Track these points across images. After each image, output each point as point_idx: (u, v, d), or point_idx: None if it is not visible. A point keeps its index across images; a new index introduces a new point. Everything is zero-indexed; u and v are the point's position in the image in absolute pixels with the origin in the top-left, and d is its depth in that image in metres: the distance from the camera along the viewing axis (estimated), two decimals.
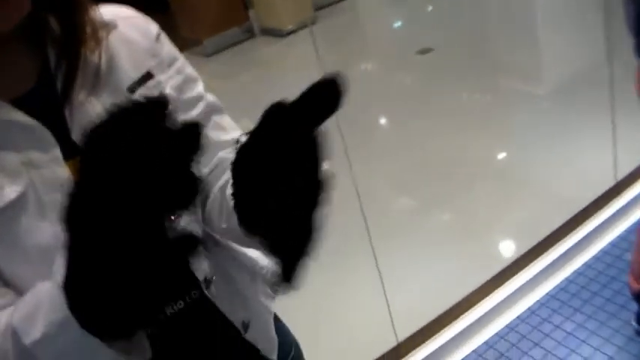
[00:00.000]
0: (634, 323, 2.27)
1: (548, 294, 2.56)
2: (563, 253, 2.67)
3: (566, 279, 2.62)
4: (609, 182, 2.96)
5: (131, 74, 0.83)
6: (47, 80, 0.78)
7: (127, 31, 0.85)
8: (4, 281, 0.71)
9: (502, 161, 3.72)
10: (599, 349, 2.26)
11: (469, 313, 2.47)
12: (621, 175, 2.98)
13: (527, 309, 2.52)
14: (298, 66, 5.53)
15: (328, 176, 0.50)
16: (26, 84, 0.77)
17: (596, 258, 2.69)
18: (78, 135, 0.76)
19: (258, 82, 5.76)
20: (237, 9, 7.09)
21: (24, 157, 0.72)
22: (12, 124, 0.72)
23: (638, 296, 2.14)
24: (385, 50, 6.17)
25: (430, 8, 6.90)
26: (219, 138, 0.92)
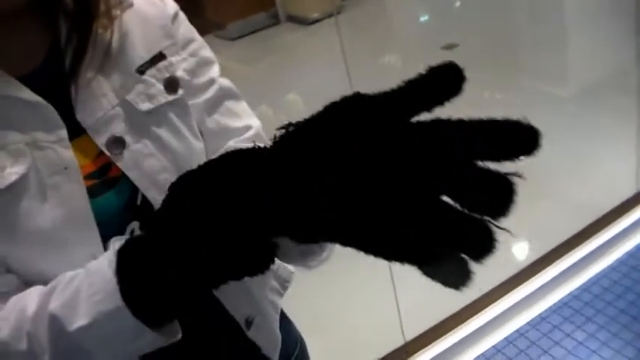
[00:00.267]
0: None
1: (560, 301, 2.53)
2: (578, 261, 2.64)
3: (579, 287, 2.58)
4: (630, 191, 2.91)
5: (143, 54, 0.81)
6: (56, 57, 0.76)
7: (143, 11, 0.83)
8: (5, 265, 0.70)
9: (521, 162, 3.66)
10: None
11: (479, 316, 2.44)
12: None
13: (537, 315, 2.49)
14: (321, 55, 5.50)
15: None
16: (35, 60, 0.75)
17: (611, 267, 2.65)
18: (82, 114, 0.74)
19: (278, 70, 5.75)
20: None
21: (28, 137, 0.70)
22: (18, 102, 0.70)
23: None
24: (410, 43, 6.12)
25: (458, 3, 6.84)
26: (230, 125, 0.89)
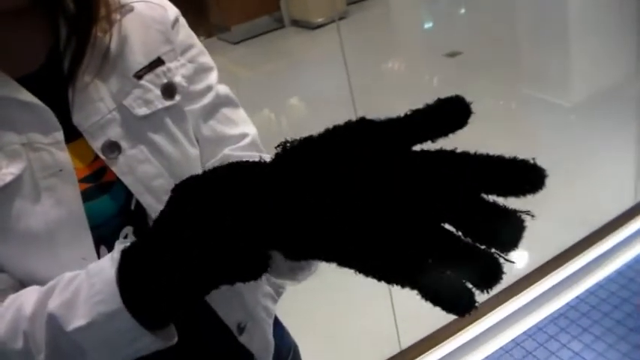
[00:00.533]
0: None
1: (557, 311, 2.53)
2: (575, 271, 2.63)
3: (577, 297, 2.58)
4: (629, 202, 2.91)
5: (141, 59, 0.81)
6: (56, 59, 0.76)
7: (143, 15, 0.83)
8: None
9: None
10: None
11: (475, 325, 2.44)
12: None
13: (534, 325, 2.48)
14: (324, 60, 5.51)
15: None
16: (35, 62, 0.76)
17: (609, 279, 2.64)
18: (78, 118, 0.75)
19: (281, 73, 5.76)
20: None
21: (24, 139, 0.71)
22: (16, 103, 0.70)
23: None
24: (414, 50, 6.14)
25: (463, 11, 6.85)
26: (226, 132, 0.89)
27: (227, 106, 0.91)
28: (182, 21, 0.89)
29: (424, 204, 0.46)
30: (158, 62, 0.82)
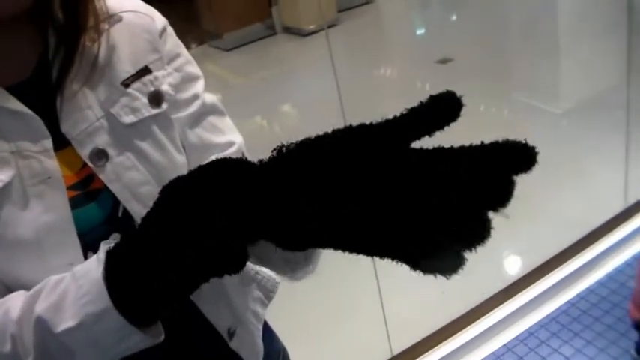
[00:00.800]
0: (633, 352, 2.23)
1: (548, 316, 2.54)
2: (566, 276, 2.64)
3: (568, 302, 2.59)
4: (619, 207, 2.93)
5: (129, 68, 0.81)
6: (45, 68, 0.77)
7: (131, 25, 0.84)
8: None
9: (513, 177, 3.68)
10: None
11: (466, 330, 2.44)
12: (632, 200, 2.95)
13: (525, 330, 2.49)
14: (315, 67, 5.52)
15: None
16: (25, 71, 0.76)
17: (600, 283, 2.66)
18: (67, 126, 0.75)
19: (273, 80, 5.76)
20: (260, 5, 7.10)
21: (14, 147, 0.71)
22: (6, 112, 0.71)
23: (637, 325, 2.11)
24: (405, 56, 6.15)
25: (454, 17, 6.87)
26: (212, 140, 0.90)
27: (213, 115, 0.92)
28: (170, 30, 0.90)
29: (419, 199, 0.48)
30: (145, 71, 0.83)
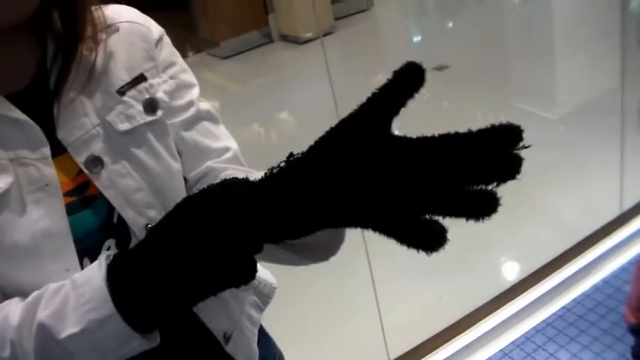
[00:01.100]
0: (629, 357, 2.24)
1: (544, 321, 2.54)
2: (562, 281, 2.65)
3: (564, 307, 2.59)
4: (614, 212, 2.94)
5: (124, 76, 0.83)
6: (43, 77, 0.78)
7: (128, 34, 0.86)
8: None
9: (510, 182, 3.69)
10: None
11: (463, 335, 2.45)
12: (627, 206, 2.96)
13: (522, 335, 2.50)
14: (311, 75, 5.53)
15: None
16: (24, 79, 0.77)
17: (596, 288, 2.67)
18: (63, 133, 0.77)
19: (270, 88, 5.78)
20: (257, 13, 7.11)
21: (12, 154, 0.72)
22: (7, 120, 0.72)
23: (633, 330, 2.12)
24: (401, 63, 6.15)
25: (451, 24, 6.89)
26: (208, 144, 0.91)
27: (208, 121, 0.93)
28: (166, 40, 0.92)
29: (406, 187, 0.52)
30: (141, 79, 0.84)
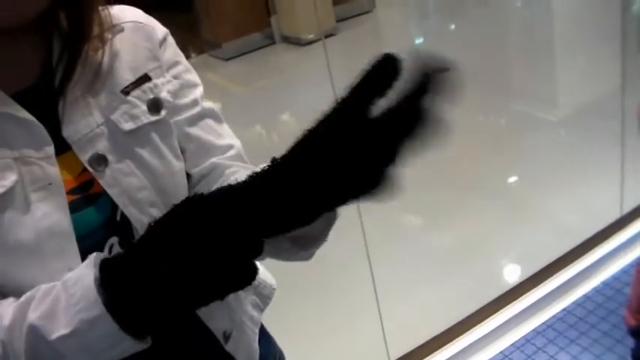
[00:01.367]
0: (629, 359, 2.24)
1: (545, 323, 2.55)
2: (563, 283, 2.65)
3: (564, 309, 2.59)
4: (615, 214, 2.94)
5: (129, 76, 0.84)
6: (48, 76, 0.79)
7: (133, 35, 0.87)
8: None
9: (510, 185, 3.70)
10: None
11: (463, 338, 2.45)
12: (627, 209, 2.96)
13: (522, 337, 2.50)
14: (313, 76, 5.54)
15: None
16: (28, 79, 0.78)
17: (596, 290, 2.67)
18: (68, 131, 0.77)
19: (272, 90, 5.78)
20: (259, 14, 7.11)
21: (17, 153, 0.73)
22: (12, 119, 0.73)
23: (633, 332, 2.12)
24: (403, 66, 6.15)
25: (453, 27, 6.89)
26: (213, 141, 0.92)
27: (212, 119, 0.94)
28: (170, 40, 0.92)
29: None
30: (145, 78, 0.85)
